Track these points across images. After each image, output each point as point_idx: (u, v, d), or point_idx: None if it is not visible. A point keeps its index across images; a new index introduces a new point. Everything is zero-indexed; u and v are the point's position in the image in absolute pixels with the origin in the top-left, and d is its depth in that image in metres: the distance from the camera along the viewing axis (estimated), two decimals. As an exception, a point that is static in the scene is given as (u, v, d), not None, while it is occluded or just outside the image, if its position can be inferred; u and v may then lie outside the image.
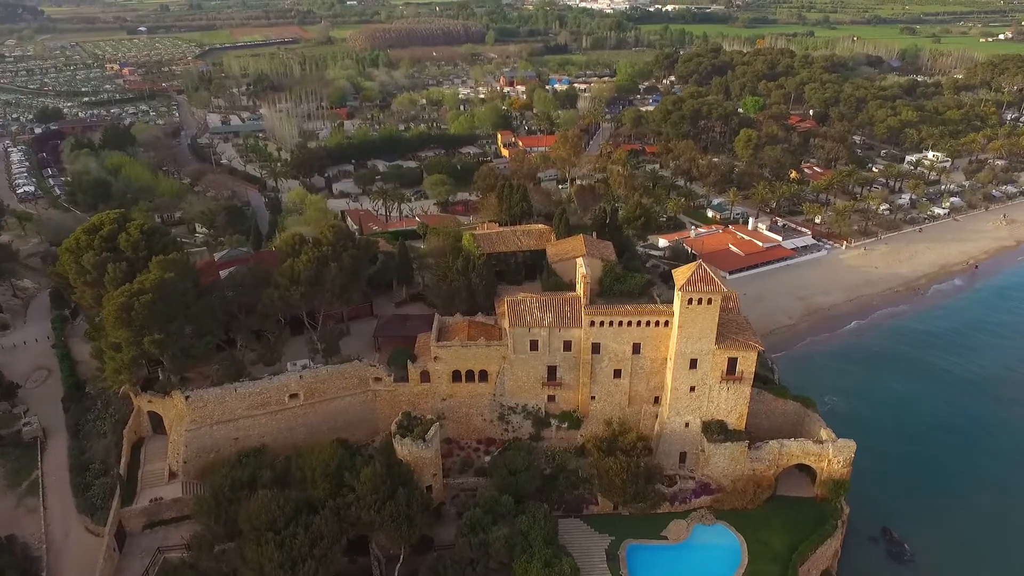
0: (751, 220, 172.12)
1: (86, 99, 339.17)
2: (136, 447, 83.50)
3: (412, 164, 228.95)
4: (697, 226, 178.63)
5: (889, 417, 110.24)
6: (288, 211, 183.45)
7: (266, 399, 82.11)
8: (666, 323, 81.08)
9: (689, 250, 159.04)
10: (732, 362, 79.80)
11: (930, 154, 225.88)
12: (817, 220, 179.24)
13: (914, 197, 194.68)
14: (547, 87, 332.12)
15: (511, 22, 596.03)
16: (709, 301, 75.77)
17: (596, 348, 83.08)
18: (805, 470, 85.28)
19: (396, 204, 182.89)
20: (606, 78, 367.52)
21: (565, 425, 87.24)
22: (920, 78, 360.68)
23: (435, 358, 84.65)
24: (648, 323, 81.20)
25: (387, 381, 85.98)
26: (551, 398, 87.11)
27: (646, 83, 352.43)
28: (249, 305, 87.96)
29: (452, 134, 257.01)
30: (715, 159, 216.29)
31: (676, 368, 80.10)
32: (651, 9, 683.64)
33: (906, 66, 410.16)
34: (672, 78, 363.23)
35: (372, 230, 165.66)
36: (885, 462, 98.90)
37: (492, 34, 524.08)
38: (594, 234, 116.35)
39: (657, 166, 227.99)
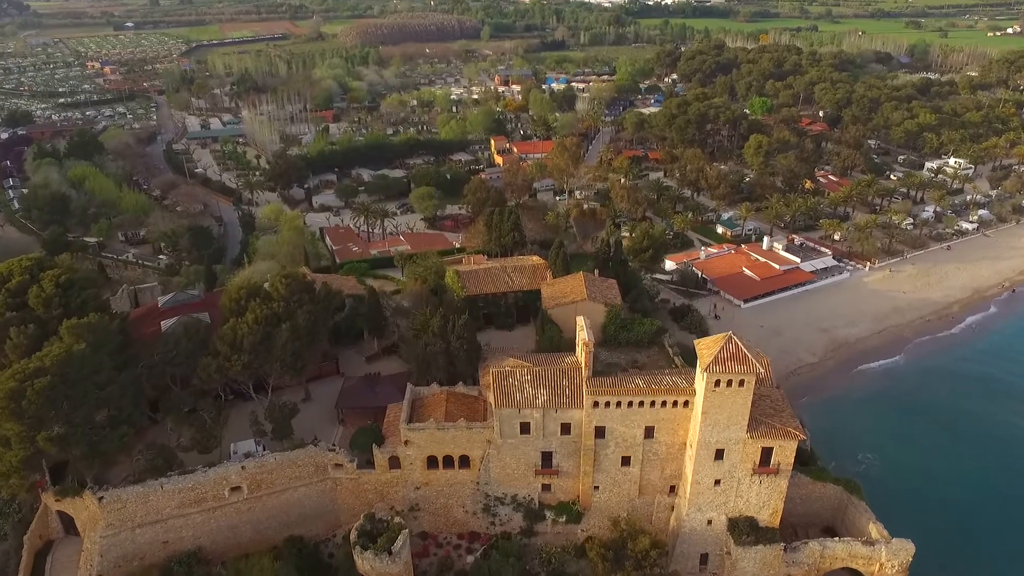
0: (766, 239, 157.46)
1: (62, 100, 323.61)
2: (43, 553, 69.06)
3: (399, 173, 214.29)
4: (707, 245, 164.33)
5: (932, 482, 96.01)
6: (262, 229, 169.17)
7: (201, 495, 67.72)
8: (686, 403, 66.79)
9: (699, 274, 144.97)
10: (767, 452, 65.58)
11: (952, 160, 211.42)
12: (836, 237, 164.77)
13: (939, 209, 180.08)
14: (544, 87, 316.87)
15: (507, 17, 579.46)
16: (741, 383, 61.47)
17: (600, 432, 68.82)
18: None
19: (379, 221, 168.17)
20: (605, 76, 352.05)
21: (563, 519, 73.02)
22: (932, 75, 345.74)
23: (406, 442, 70.34)
24: (664, 403, 66.88)
25: (349, 468, 71.65)
26: (546, 487, 72.91)
27: (647, 82, 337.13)
28: (184, 375, 73.61)
29: (442, 139, 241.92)
30: (723, 167, 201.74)
31: (698, 459, 65.85)
32: (650, 3, 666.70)
33: (916, 63, 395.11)
34: (674, 76, 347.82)
35: (349, 254, 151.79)
36: (932, 540, 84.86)
37: (487, 30, 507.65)
38: (596, 271, 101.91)
39: (662, 174, 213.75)
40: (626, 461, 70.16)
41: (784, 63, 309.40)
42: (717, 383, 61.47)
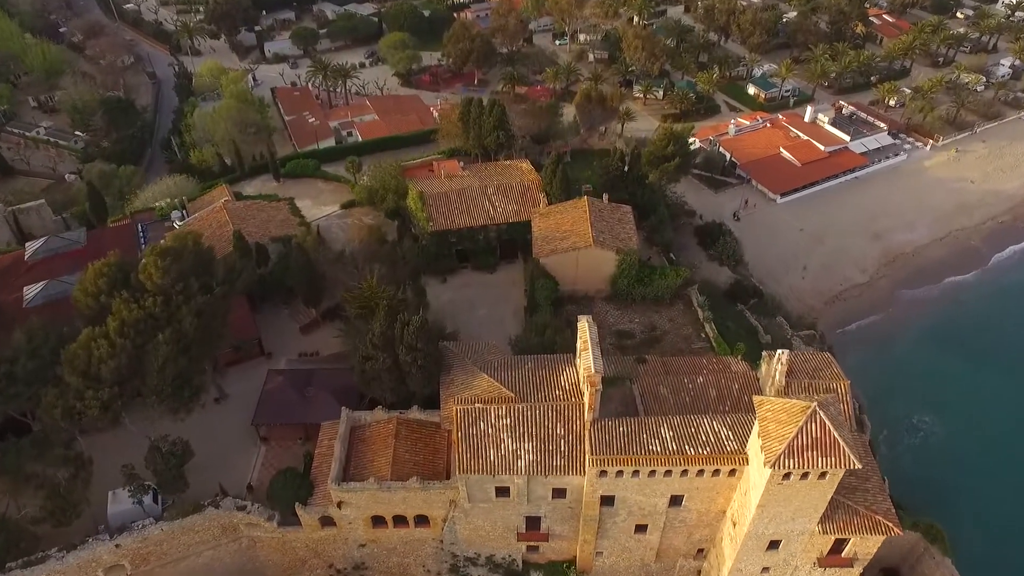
0: (808, 110, 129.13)
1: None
2: None
3: (370, 9, 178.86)
4: (737, 112, 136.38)
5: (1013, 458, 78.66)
6: (201, 92, 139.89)
7: (63, 581, 49.85)
8: (732, 472, 46.85)
9: (727, 157, 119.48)
10: (839, 541, 46.79)
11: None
12: (892, 103, 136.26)
13: (1018, 63, 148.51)
14: None
15: None
16: (823, 475, 41.07)
17: (609, 500, 49.51)
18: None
19: (341, 82, 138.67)
20: None
21: (554, 583, 56.06)
22: None
23: (339, 504, 51.34)
24: (702, 472, 46.89)
25: (267, 527, 53.24)
26: (532, 548, 55.05)
27: None
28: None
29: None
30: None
31: (745, 547, 47.13)
32: None
33: None
34: None
35: (304, 128, 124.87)
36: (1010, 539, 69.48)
37: None
38: (605, 196, 77.60)
39: (682, 9, 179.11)
40: (642, 528, 51.68)
41: None
42: (787, 475, 41.08)
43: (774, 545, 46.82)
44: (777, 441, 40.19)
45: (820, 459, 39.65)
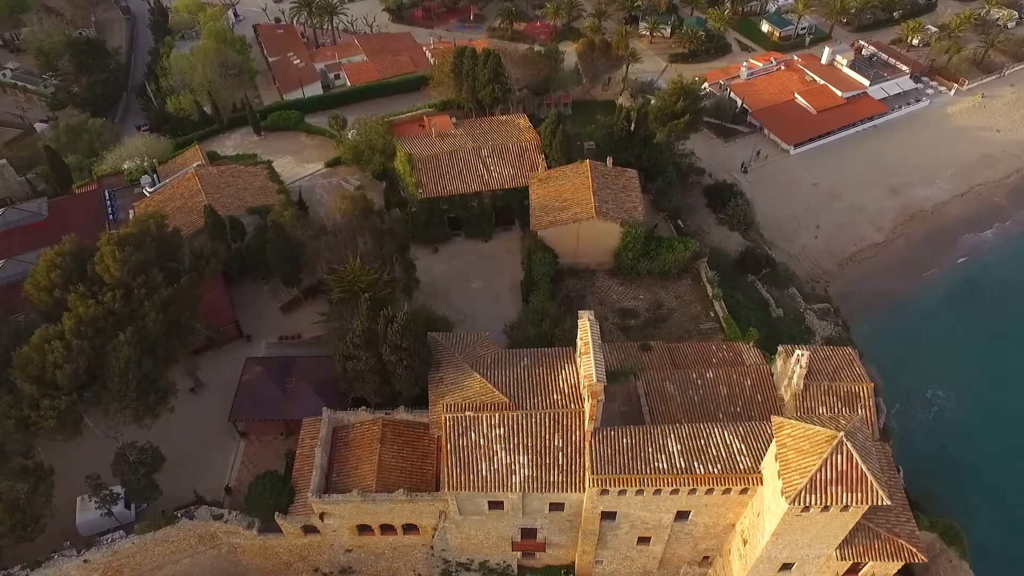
0: (826, 51, 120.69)
1: None
2: None
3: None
4: (750, 53, 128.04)
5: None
6: (178, 29, 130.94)
7: (30, 598, 46.90)
8: (743, 491, 43.16)
9: (739, 103, 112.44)
10: (857, 564, 43.52)
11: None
12: (914, 43, 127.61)
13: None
14: None
15: None
16: (845, 507, 37.32)
17: (611, 514, 46.02)
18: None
19: (328, 18, 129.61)
20: None
21: (551, 587, 53.33)
22: None
23: (321, 515, 47.95)
24: (712, 490, 43.18)
25: (247, 535, 50.07)
26: (528, 554, 52.03)
27: None
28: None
29: None
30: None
31: (756, 569, 43.86)
32: None
33: None
34: None
35: (288, 69, 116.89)
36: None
37: None
38: (609, 160, 71.68)
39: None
40: (645, 540, 48.45)
41: None
42: (807, 507, 37.33)
43: (787, 567, 43.64)
44: (798, 474, 36.26)
45: (845, 494, 35.81)
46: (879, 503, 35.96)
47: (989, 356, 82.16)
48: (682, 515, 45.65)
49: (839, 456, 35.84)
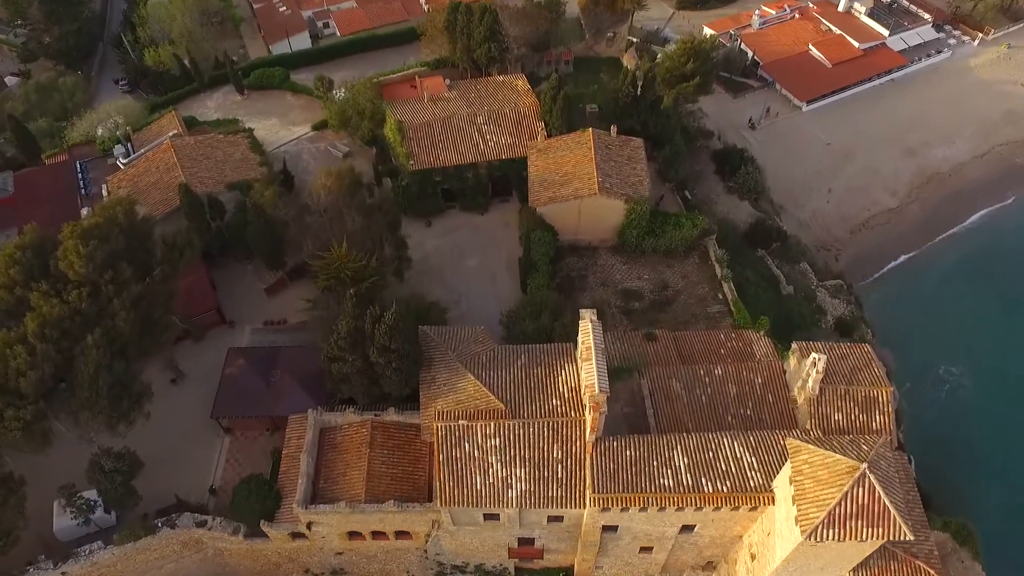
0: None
1: None
2: None
3: None
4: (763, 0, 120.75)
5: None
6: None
7: (6, 609, 45.14)
8: (753, 508, 40.71)
9: (749, 55, 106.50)
10: (873, 581, 41.39)
11: None
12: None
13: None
14: None
15: None
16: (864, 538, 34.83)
17: (612, 527, 43.72)
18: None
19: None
20: None
21: (549, 590, 51.60)
22: None
23: (308, 525, 45.72)
24: (719, 508, 40.73)
25: (233, 541, 47.99)
26: (525, 559, 50.09)
27: None
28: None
29: None
30: None
31: (763, 586, 41.87)
32: None
33: None
34: None
35: (275, 18, 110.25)
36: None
37: None
38: (613, 128, 67.07)
39: None
40: (647, 549, 46.35)
41: None
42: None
43: (797, 584, 41.65)
44: (815, 506, 33.67)
45: (866, 529, 33.33)
46: (902, 539, 33.47)
47: (1005, 330, 79.08)
48: (687, 528, 43.39)
49: (860, 489, 33.18)
